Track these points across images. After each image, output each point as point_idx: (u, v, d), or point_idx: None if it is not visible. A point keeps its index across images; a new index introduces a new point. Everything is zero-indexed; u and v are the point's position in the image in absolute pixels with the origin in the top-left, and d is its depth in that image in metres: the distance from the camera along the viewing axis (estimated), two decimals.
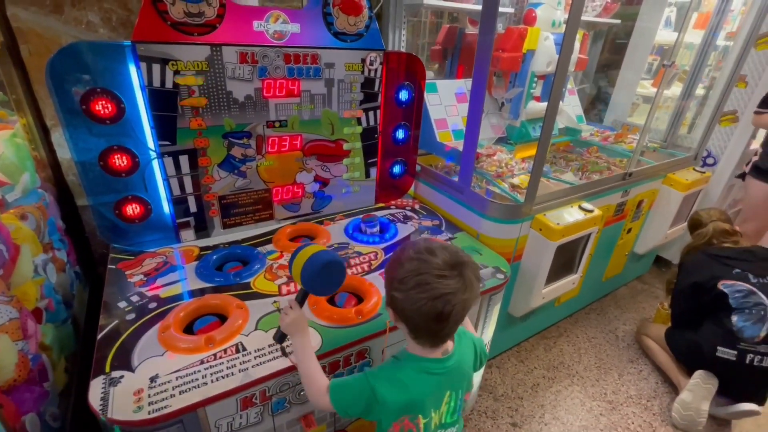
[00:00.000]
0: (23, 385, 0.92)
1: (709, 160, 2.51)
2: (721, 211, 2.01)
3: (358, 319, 1.09)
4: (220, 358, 0.95)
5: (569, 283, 1.78)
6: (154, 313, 1.06)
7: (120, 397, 0.83)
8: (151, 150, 1.24)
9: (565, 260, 1.70)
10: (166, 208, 1.34)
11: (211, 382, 0.89)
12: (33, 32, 1.33)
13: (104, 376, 0.87)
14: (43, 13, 1.33)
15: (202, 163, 1.32)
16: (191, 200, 1.36)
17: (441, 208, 1.77)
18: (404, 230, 1.58)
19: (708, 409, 1.65)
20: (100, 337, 0.98)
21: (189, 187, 1.34)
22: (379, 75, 1.52)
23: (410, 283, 0.76)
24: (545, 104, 1.35)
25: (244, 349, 0.98)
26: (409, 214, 1.73)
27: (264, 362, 0.95)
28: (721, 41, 2.37)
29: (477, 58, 1.38)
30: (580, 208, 1.65)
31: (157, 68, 1.14)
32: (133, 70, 1.13)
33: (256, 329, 1.04)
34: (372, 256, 1.39)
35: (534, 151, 1.45)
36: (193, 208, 1.37)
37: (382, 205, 1.80)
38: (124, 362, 0.91)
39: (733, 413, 1.68)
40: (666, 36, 2.73)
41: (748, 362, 1.60)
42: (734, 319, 1.63)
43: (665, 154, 2.37)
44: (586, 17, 2.32)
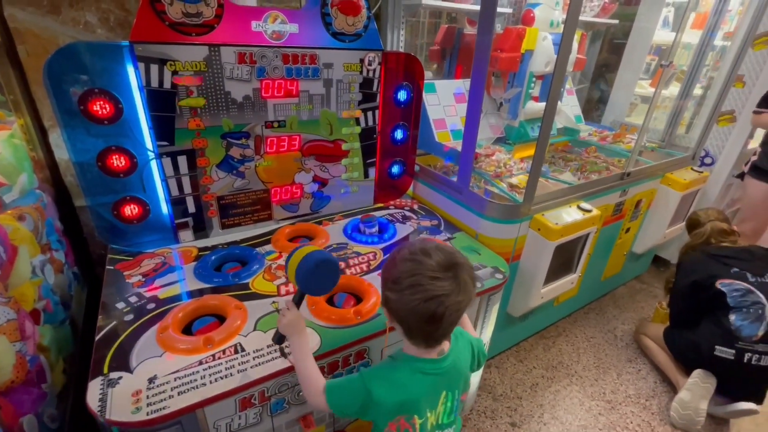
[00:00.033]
0: (21, 387, 0.92)
1: (707, 160, 2.52)
2: (719, 211, 2.01)
3: (357, 319, 1.09)
4: (219, 358, 0.94)
5: (568, 282, 1.78)
6: (153, 314, 1.06)
7: (118, 398, 0.83)
8: (150, 150, 1.24)
9: (564, 260, 1.70)
10: (165, 208, 1.34)
11: (210, 382, 0.88)
12: (30, 33, 1.33)
13: (102, 377, 0.87)
14: (41, 14, 1.32)
15: (201, 164, 1.32)
16: (190, 201, 1.36)
17: (440, 208, 1.77)
18: (403, 230, 1.58)
19: (706, 408, 1.65)
20: (98, 338, 0.97)
21: (187, 188, 1.34)
22: (377, 75, 1.52)
23: (404, 283, 0.76)
24: (544, 104, 1.35)
25: (243, 350, 0.97)
26: (408, 214, 1.73)
27: (263, 363, 0.95)
28: (718, 41, 2.38)
29: (475, 58, 1.38)
30: (579, 207, 1.65)
31: (155, 68, 1.14)
32: (131, 71, 1.13)
33: (254, 330, 1.04)
34: (371, 257, 1.39)
35: (532, 151, 1.45)
36: (192, 208, 1.37)
37: (380, 205, 1.80)
38: (123, 363, 0.91)
39: (732, 412, 1.68)
40: (664, 36, 2.73)
41: (746, 361, 1.60)
42: (732, 318, 1.63)
43: (663, 154, 2.38)
44: (584, 17, 2.32)
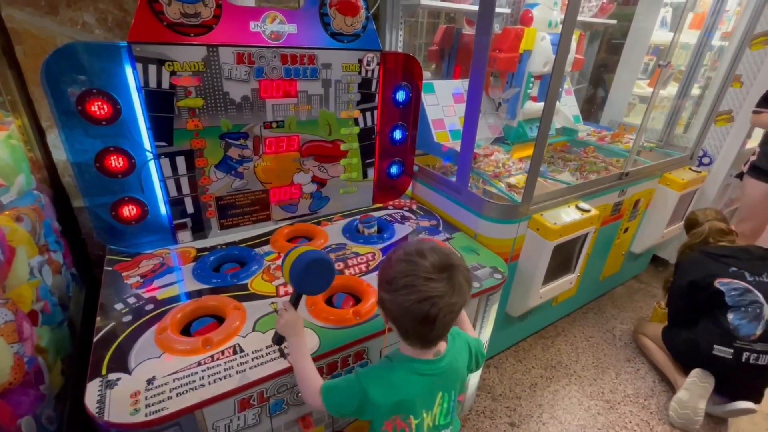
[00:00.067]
0: (19, 388, 0.91)
1: (705, 160, 2.52)
2: (716, 211, 2.02)
3: (356, 319, 1.09)
4: (218, 359, 0.94)
5: (566, 282, 1.78)
6: (151, 315, 1.06)
7: (117, 400, 0.83)
8: (148, 151, 1.24)
9: (563, 260, 1.71)
10: (163, 209, 1.34)
11: (209, 383, 0.88)
12: (28, 33, 1.33)
13: (101, 379, 0.87)
14: (39, 14, 1.32)
15: (199, 164, 1.32)
16: (188, 201, 1.35)
17: (438, 209, 1.77)
18: (402, 231, 1.58)
19: (705, 407, 1.66)
20: (96, 340, 0.97)
21: (186, 189, 1.33)
22: (376, 75, 1.52)
23: (398, 284, 0.76)
24: (542, 104, 1.35)
25: (242, 351, 0.97)
26: (407, 214, 1.73)
27: (262, 364, 0.95)
28: (716, 41, 2.39)
29: (474, 58, 1.38)
30: (577, 207, 1.65)
31: (153, 69, 1.14)
32: (129, 71, 1.13)
33: (253, 330, 1.04)
34: (370, 257, 1.39)
35: (531, 151, 1.45)
36: (190, 209, 1.37)
37: (379, 205, 1.80)
38: (121, 364, 0.91)
39: (730, 411, 1.69)
40: (662, 36, 2.74)
41: (744, 360, 1.60)
42: (730, 317, 1.64)
43: (661, 154, 2.38)
44: (582, 18, 2.32)
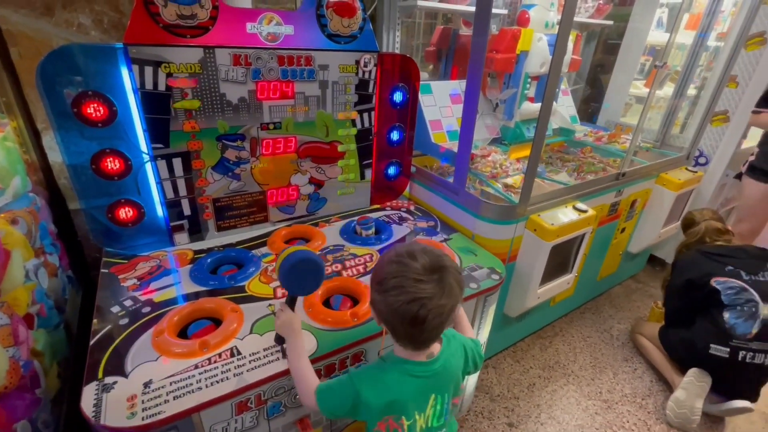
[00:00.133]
0: (15, 392, 0.91)
1: (701, 160, 2.53)
2: (713, 211, 2.03)
3: (354, 321, 1.09)
4: (215, 362, 0.94)
5: (564, 282, 1.79)
6: (148, 318, 1.05)
7: (113, 403, 0.82)
8: (144, 153, 1.23)
9: (560, 260, 1.71)
10: (160, 211, 1.33)
11: (206, 386, 0.88)
12: (23, 35, 1.32)
13: (97, 382, 0.87)
14: (34, 16, 1.32)
15: (196, 166, 1.31)
16: (185, 203, 1.35)
17: (436, 209, 1.77)
18: (399, 232, 1.58)
19: (702, 406, 1.66)
20: (92, 343, 0.97)
21: (182, 190, 1.33)
22: (373, 76, 1.52)
23: (388, 285, 0.76)
24: (539, 105, 1.36)
25: (239, 353, 0.97)
26: (405, 215, 1.73)
27: (259, 366, 0.94)
28: (712, 42, 2.40)
29: (471, 59, 1.38)
30: (575, 208, 1.66)
31: (149, 71, 1.13)
32: (125, 73, 1.13)
33: (251, 333, 1.04)
34: (367, 258, 1.39)
35: (528, 151, 1.45)
36: (187, 211, 1.36)
37: (377, 206, 1.80)
38: (118, 368, 0.91)
39: (727, 410, 1.69)
40: (658, 37, 2.76)
41: (740, 359, 1.61)
42: (726, 315, 1.64)
43: (658, 154, 2.39)
44: (578, 18, 2.33)
